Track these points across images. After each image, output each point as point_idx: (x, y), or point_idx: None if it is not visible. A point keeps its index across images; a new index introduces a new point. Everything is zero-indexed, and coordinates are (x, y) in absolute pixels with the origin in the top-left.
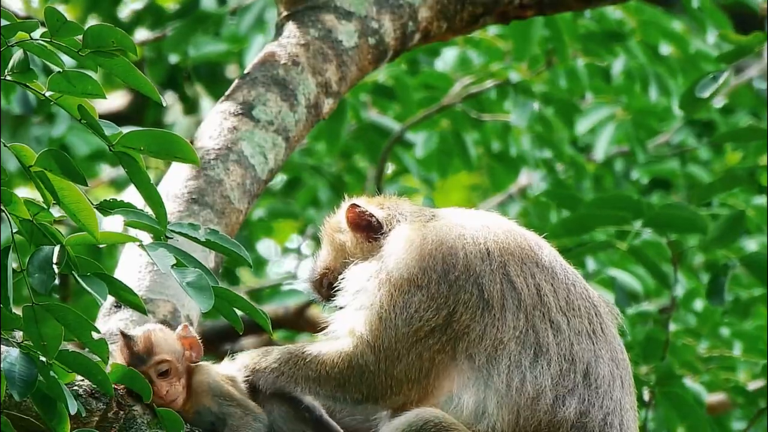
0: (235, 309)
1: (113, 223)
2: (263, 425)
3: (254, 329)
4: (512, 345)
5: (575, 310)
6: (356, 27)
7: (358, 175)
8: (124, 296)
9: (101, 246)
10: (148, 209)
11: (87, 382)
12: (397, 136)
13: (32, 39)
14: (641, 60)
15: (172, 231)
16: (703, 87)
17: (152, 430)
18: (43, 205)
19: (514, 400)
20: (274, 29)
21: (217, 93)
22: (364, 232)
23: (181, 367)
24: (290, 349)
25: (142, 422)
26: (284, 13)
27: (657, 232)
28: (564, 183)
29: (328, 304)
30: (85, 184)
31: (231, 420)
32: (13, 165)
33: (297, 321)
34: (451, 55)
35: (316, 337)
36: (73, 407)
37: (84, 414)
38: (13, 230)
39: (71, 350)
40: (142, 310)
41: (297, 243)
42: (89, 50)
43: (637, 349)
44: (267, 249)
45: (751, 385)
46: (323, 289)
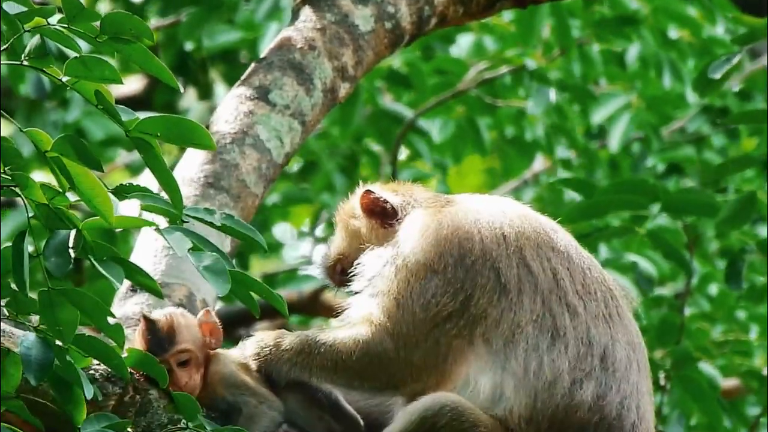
0: (251, 293)
1: (129, 207)
2: (278, 413)
3: (269, 314)
4: (529, 329)
5: (591, 294)
6: (372, 11)
7: (373, 160)
8: (140, 280)
9: (117, 230)
10: (164, 194)
11: (103, 367)
12: (410, 122)
13: (49, 24)
14: (654, 46)
15: (188, 215)
16: (716, 68)
17: (168, 415)
18: (59, 189)
19: (532, 384)
20: (290, 14)
21: (232, 78)
22: (379, 218)
23: (201, 356)
24: (303, 338)
25: (159, 406)
26: None
27: (673, 217)
28: (578, 172)
29: (341, 290)
30: (101, 170)
31: (245, 409)
32: (29, 150)
33: (312, 306)
34: (466, 41)
35: (331, 322)
36: (89, 391)
37: (100, 398)
38: (29, 215)
39: (87, 335)
40: (158, 294)
41: (312, 228)
42: (106, 36)
43: (652, 333)
44: (283, 233)
45: (767, 371)
46: (336, 275)
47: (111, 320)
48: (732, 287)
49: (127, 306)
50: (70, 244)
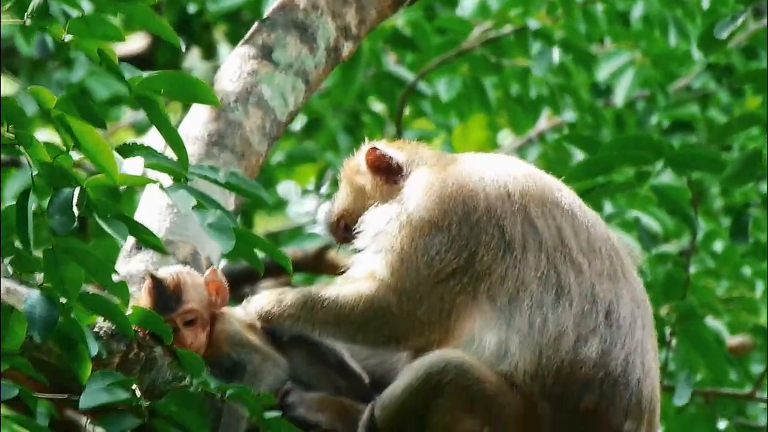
0: (255, 251)
1: (133, 165)
2: (283, 371)
3: (274, 272)
4: (534, 286)
5: (596, 251)
6: None
7: (376, 120)
8: (144, 238)
9: (121, 188)
10: (168, 152)
11: (108, 324)
12: (413, 83)
13: None
14: (659, 4)
15: (193, 173)
16: (721, 28)
17: (173, 372)
18: (63, 148)
19: (536, 341)
20: None
21: (236, 38)
22: (384, 174)
23: (207, 315)
24: (306, 293)
25: (163, 363)
26: None
27: (677, 173)
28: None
29: (344, 247)
30: (104, 128)
31: (250, 366)
32: (33, 109)
33: (316, 264)
34: (469, 2)
35: (335, 280)
36: (93, 349)
37: (105, 355)
38: (33, 173)
39: (92, 292)
40: (162, 252)
41: (316, 185)
42: None
43: (657, 289)
44: (287, 191)
45: None
46: (339, 232)
47: (115, 278)
48: (737, 242)
49: (132, 263)
50: (74, 202)
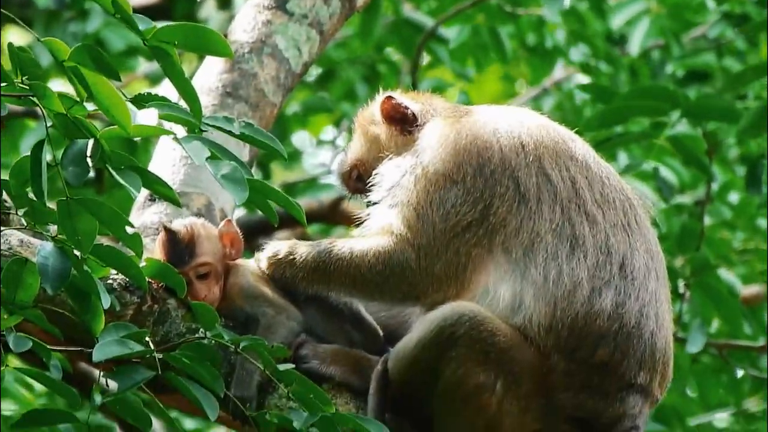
0: (269, 202)
1: (147, 116)
2: (297, 323)
3: (288, 223)
4: (549, 237)
5: (610, 202)
6: None
7: (393, 68)
8: (158, 189)
9: (135, 140)
10: (182, 103)
11: (121, 276)
12: (432, 29)
13: None
14: None
15: (207, 124)
16: None
17: (186, 324)
18: (77, 99)
19: (551, 292)
20: None
21: None
22: (399, 124)
23: (221, 268)
24: (320, 251)
25: (177, 316)
26: None
27: (693, 123)
28: (599, 78)
29: (355, 197)
30: (119, 79)
31: (263, 319)
32: (47, 60)
33: (331, 215)
34: None
35: (350, 232)
36: (106, 301)
37: (118, 308)
38: (47, 124)
39: (105, 244)
40: (176, 203)
41: (332, 135)
42: None
43: (672, 240)
44: (302, 141)
45: None
46: (352, 182)
47: (129, 230)
48: (751, 192)
49: (146, 215)
50: (89, 154)
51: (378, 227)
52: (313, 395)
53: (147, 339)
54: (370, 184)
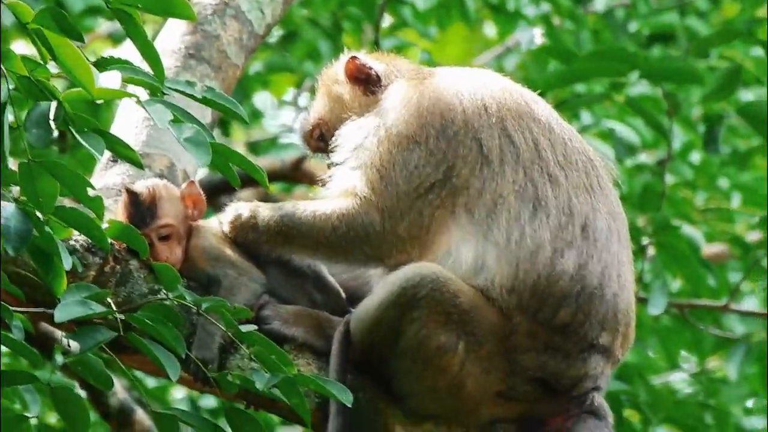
0: (231, 165)
1: (110, 79)
2: (259, 285)
3: (251, 182)
4: (511, 199)
5: (572, 164)
6: None
7: (356, 27)
8: (120, 151)
9: (98, 102)
10: (145, 65)
11: (83, 238)
12: None
13: None
14: None
15: (169, 87)
16: None
17: (148, 285)
18: (40, 61)
19: (514, 254)
20: None
21: None
22: (363, 85)
23: (183, 229)
24: (282, 214)
25: (139, 277)
26: None
27: (653, 84)
28: (562, 36)
29: (317, 156)
30: (82, 41)
31: (225, 281)
32: (10, 21)
33: (294, 174)
34: None
35: (312, 191)
36: (68, 262)
37: (80, 269)
38: (10, 87)
39: (67, 206)
40: (138, 165)
41: (294, 96)
42: None
43: (634, 200)
44: (263, 102)
45: (749, 237)
46: (313, 141)
47: (91, 191)
48: (710, 152)
49: (108, 176)
50: (51, 116)
51: (341, 189)
52: (275, 356)
53: (109, 300)
54: (332, 144)
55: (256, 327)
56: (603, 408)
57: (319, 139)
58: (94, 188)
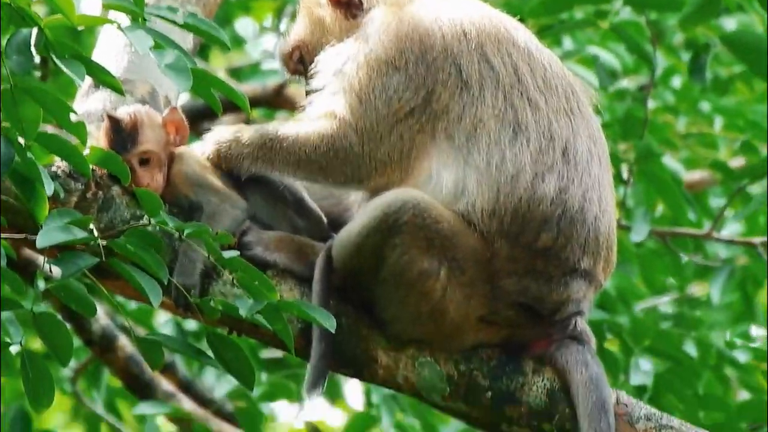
0: (213, 91)
1: (91, 5)
2: (241, 211)
3: (233, 108)
4: (491, 123)
5: (552, 89)
6: None
7: None
8: (101, 77)
9: (80, 28)
10: None
11: (65, 164)
12: None
13: None
14: None
15: (150, 14)
16: None
17: (131, 211)
18: None
19: (494, 178)
20: None
21: None
22: (344, 8)
23: (164, 156)
24: (264, 132)
25: (121, 203)
26: None
27: (636, 11)
28: None
29: (295, 79)
30: None
31: (207, 207)
32: None
33: (275, 99)
34: None
35: (294, 116)
36: (50, 188)
37: (62, 195)
38: None
39: (49, 132)
40: (119, 91)
41: (274, 21)
42: None
43: (616, 126)
44: (245, 27)
45: (732, 162)
46: (293, 63)
47: (73, 117)
48: (695, 80)
49: (90, 102)
50: (32, 42)
51: (321, 112)
52: (257, 282)
53: (91, 226)
54: (311, 69)
55: (238, 253)
56: (586, 333)
57: (299, 61)
58: (77, 114)
